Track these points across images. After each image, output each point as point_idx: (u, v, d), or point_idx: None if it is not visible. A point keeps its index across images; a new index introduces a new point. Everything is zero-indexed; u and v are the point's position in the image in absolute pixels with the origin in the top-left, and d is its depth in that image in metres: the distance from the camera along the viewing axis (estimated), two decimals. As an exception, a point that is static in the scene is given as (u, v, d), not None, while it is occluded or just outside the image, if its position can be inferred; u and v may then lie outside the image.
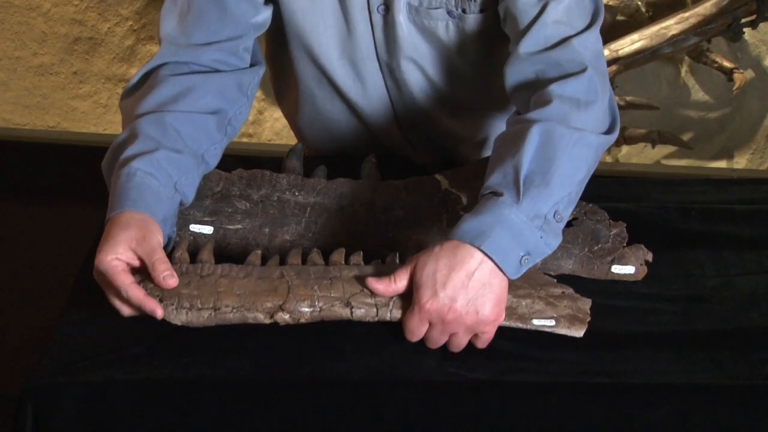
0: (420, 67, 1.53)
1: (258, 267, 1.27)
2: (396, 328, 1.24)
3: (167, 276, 1.21)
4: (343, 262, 1.28)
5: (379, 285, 1.23)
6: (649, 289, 1.37)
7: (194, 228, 1.42)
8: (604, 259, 1.39)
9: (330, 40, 1.52)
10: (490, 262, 1.21)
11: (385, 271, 1.25)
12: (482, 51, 1.52)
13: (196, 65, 1.45)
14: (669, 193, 1.61)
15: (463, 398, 1.18)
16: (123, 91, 1.45)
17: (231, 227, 1.41)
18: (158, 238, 1.25)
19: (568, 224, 1.42)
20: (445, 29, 1.49)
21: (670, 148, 2.97)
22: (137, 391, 1.17)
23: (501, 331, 1.25)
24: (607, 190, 1.60)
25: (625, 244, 1.41)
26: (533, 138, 1.28)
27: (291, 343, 1.22)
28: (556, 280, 1.32)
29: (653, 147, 2.87)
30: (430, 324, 1.21)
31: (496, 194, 1.25)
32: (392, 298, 1.24)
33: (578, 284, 1.37)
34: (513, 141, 1.30)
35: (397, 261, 1.29)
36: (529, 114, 1.33)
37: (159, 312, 1.20)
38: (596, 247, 1.40)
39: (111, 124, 3.02)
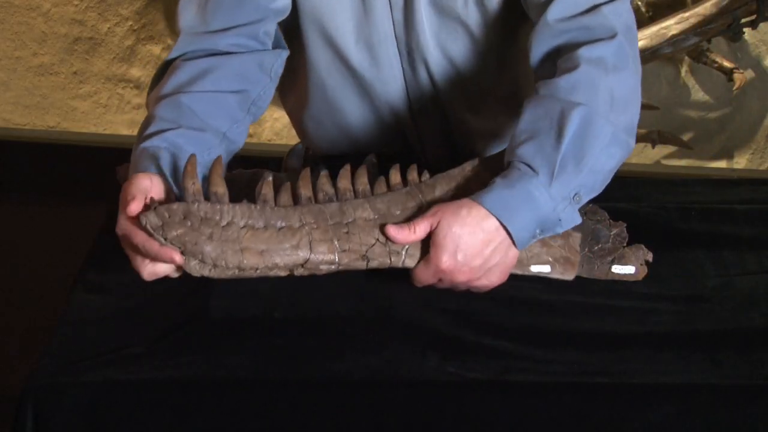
0: (438, 48, 1.52)
1: (276, 210, 1.23)
2: (396, 328, 1.25)
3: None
4: (351, 189, 1.27)
5: (399, 235, 1.25)
6: (649, 289, 1.37)
7: (194, 228, 1.42)
8: (605, 259, 1.39)
9: (347, 21, 1.51)
10: (509, 238, 1.25)
11: (394, 204, 1.26)
12: (502, 33, 1.50)
13: (214, 50, 1.44)
14: (669, 193, 1.61)
15: (463, 398, 1.18)
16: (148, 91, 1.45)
17: (231, 227, 1.41)
18: (144, 182, 1.23)
19: (568, 224, 1.42)
20: (464, 5, 1.48)
21: (670, 148, 2.97)
22: (137, 391, 1.17)
23: (502, 330, 1.26)
24: (607, 190, 1.59)
25: (625, 244, 1.40)
26: (573, 122, 1.29)
27: (291, 343, 1.22)
28: None
29: (653, 147, 2.87)
30: (440, 279, 1.25)
31: (531, 169, 1.27)
32: (406, 246, 1.25)
33: (579, 284, 1.38)
34: (551, 117, 1.30)
35: (399, 179, 1.30)
36: (559, 81, 1.33)
37: (177, 258, 1.19)
38: (596, 247, 1.40)
39: (111, 124, 3.02)
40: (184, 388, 1.17)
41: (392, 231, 1.25)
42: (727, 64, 2.78)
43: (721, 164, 3.01)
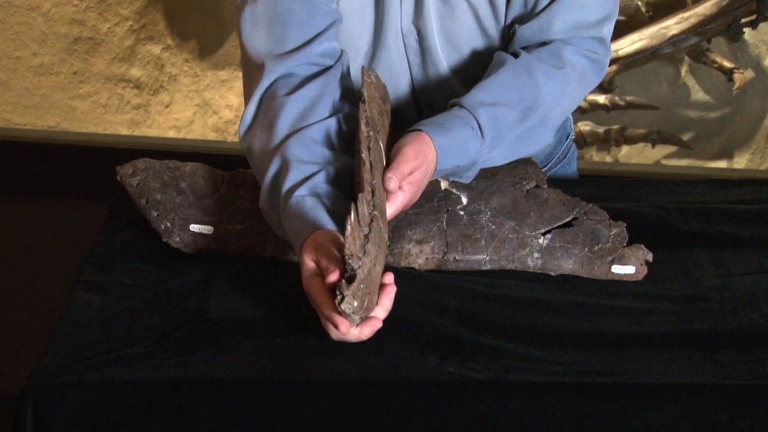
0: (443, 34, 1.50)
1: (380, 233, 1.19)
2: (396, 328, 1.24)
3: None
4: (368, 179, 1.23)
5: (395, 187, 1.29)
6: (649, 289, 1.37)
7: (194, 228, 1.42)
8: (604, 259, 1.39)
9: (359, 24, 1.50)
10: None
11: (380, 163, 1.29)
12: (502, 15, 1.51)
13: (304, 66, 1.40)
14: (669, 193, 1.61)
15: (463, 398, 1.18)
16: (240, 128, 1.40)
17: (231, 227, 1.41)
18: (332, 244, 1.20)
19: (568, 224, 1.42)
20: None
21: (670, 148, 2.97)
22: (137, 391, 1.17)
23: (502, 330, 1.26)
24: (607, 190, 1.60)
25: (625, 244, 1.41)
26: (534, 119, 1.42)
27: (291, 343, 1.22)
28: None
29: (653, 147, 2.87)
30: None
31: (481, 134, 1.38)
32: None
33: (578, 284, 1.38)
34: (522, 98, 1.41)
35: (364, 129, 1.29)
36: (539, 70, 1.43)
37: (342, 328, 1.14)
38: (596, 247, 1.40)
39: (111, 124, 3.02)
40: (184, 388, 1.17)
41: (392, 186, 1.28)
42: (727, 64, 2.78)
43: (721, 164, 3.01)
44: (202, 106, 3.01)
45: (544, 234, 1.41)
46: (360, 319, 1.15)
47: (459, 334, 1.25)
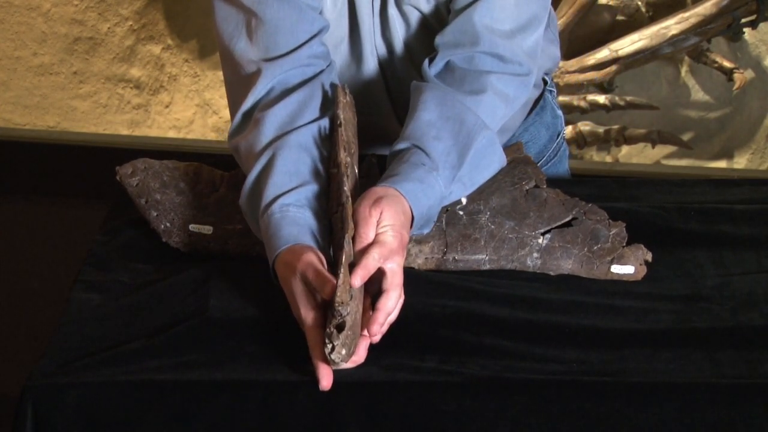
0: (408, 43, 1.52)
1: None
2: (395, 329, 1.25)
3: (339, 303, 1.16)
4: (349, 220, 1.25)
5: (369, 238, 1.25)
6: (649, 289, 1.37)
7: (194, 228, 1.42)
8: (604, 258, 1.39)
9: (339, 21, 1.50)
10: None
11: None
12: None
13: (297, 71, 1.42)
14: (668, 193, 1.61)
15: (463, 398, 1.18)
16: (230, 130, 1.43)
17: (230, 227, 1.41)
18: (312, 258, 1.22)
19: (568, 224, 1.42)
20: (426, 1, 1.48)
21: (670, 148, 2.98)
22: (137, 391, 1.17)
23: (501, 329, 1.26)
24: (606, 190, 1.60)
25: (624, 244, 1.41)
26: (481, 140, 1.38)
27: (291, 343, 1.22)
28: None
29: (653, 147, 2.87)
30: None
31: (435, 170, 1.33)
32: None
33: (578, 284, 1.38)
34: (462, 123, 1.38)
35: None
36: (466, 98, 1.40)
37: (324, 383, 1.16)
38: (596, 247, 1.40)
39: (111, 124, 3.02)
40: (184, 388, 1.17)
41: (365, 238, 1.24)
42: (727, 64, 2.78)
43: (721, 164, 3.01)
44: (202, 106, 3.02)
45: (543, 234, 1.41)
46: (344, 363, 1.17)
47: (458, 333, 1.26)
